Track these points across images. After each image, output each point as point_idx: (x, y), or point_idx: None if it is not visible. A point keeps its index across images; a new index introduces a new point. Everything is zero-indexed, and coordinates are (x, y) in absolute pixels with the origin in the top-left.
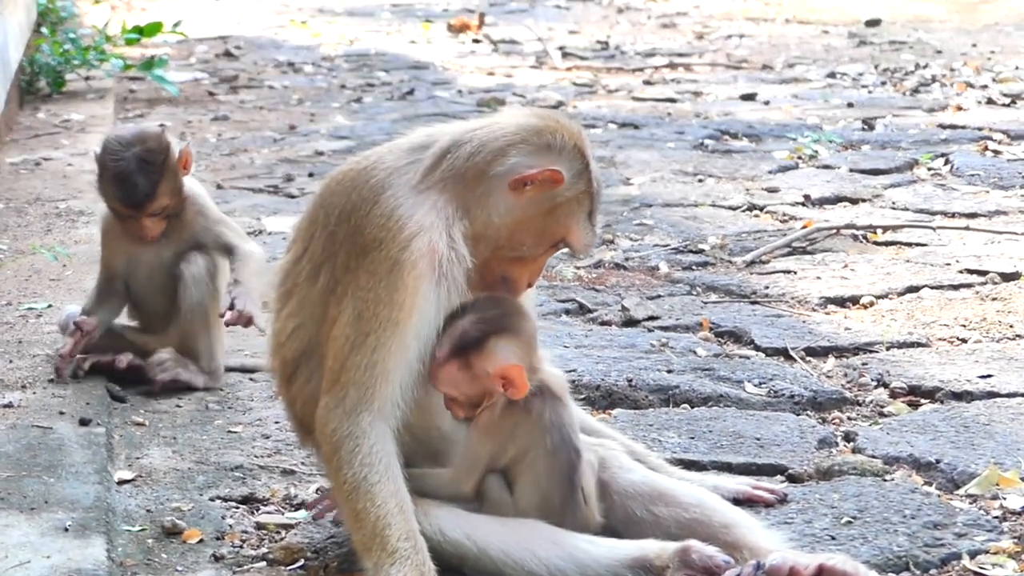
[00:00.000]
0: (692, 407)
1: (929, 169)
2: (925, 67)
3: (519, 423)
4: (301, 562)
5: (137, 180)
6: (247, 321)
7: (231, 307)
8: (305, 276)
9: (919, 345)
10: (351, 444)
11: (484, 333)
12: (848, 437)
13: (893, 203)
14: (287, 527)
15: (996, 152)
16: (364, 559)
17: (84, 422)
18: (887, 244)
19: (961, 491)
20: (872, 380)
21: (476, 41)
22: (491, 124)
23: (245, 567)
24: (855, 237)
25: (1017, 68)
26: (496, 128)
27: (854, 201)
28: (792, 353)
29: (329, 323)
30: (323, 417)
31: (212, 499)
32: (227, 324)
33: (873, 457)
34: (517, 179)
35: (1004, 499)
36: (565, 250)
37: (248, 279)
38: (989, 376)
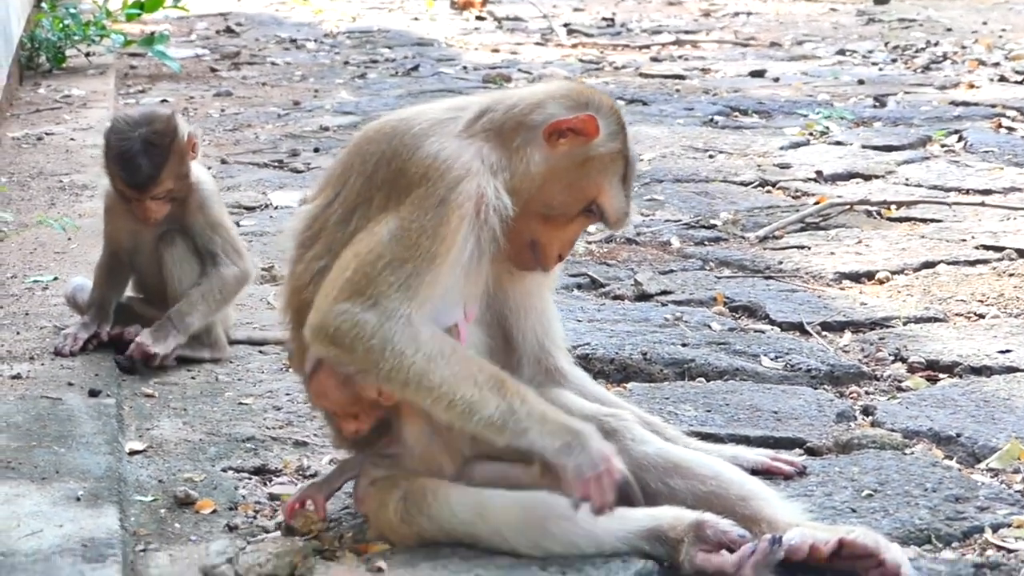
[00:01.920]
0: (708, 380)
1: (942, 146)
2: (936, 45)
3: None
4: (315, 533)
5: (141, 162)
6: (143, 355)
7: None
8: (336, 220)
9: (936, 320)
10: (410, 331)
11: None
12: (867, 411)
13: (907, 179)
14: None
15: (1010, 129)
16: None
17: (93, 393)
18: (901, 220)
19: (982, 465)
20: (889, 355)
21: (480, 18)
22: (530, 86)
23: (259, 537)
24: (869, 213)
25: None
26: (536, 88)
27: (867, 177)
28: (808, 327)
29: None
30: (350, 318)
31: (224, 470)
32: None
33: (892, 431)
34: (553, 125)
35: None
36: (596, 236)
37: (192, 308)
38: (1008, 351)
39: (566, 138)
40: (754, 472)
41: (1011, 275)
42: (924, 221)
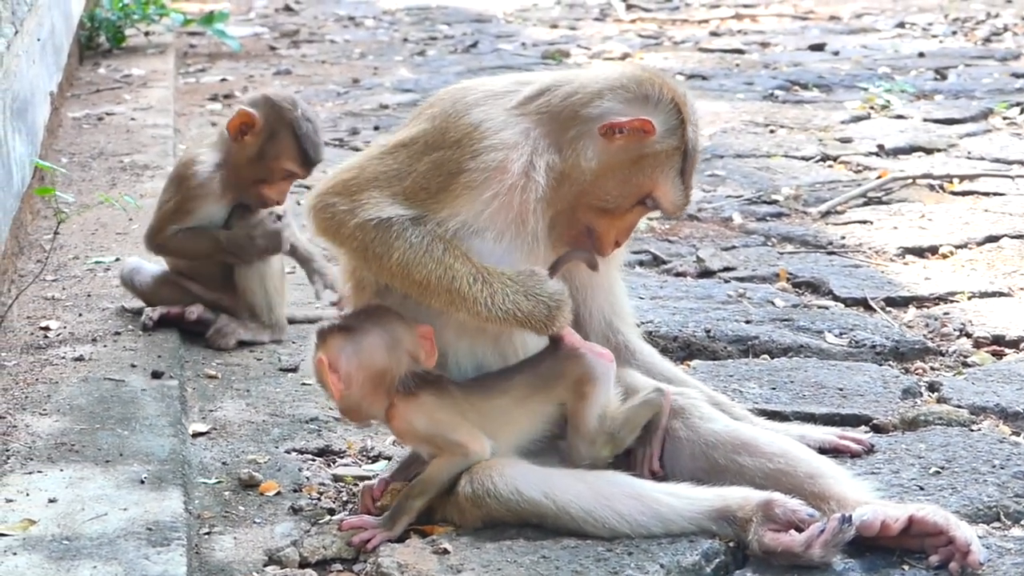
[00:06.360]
0: (772, 357)
1: (1004, 118)
2: (996, 16)
3: (423, 408)
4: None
5: (319, 140)
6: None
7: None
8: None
9: (1001, 295)
10: (381, 234)
11: (333, 327)
12: (932, 387)
13: (969, 153)
14: (364, 479)
15: None
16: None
17: (156, 375)
18: (964, 194)
19: None
20: (954, 330)
21: None
22: (593, 70)
23: (324, 519)
24: (931, 187)
25: None
26: (598, 73)
27: (929, 151)
28: (872, 303)
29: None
30: (332, 213)
31: (288, 452)
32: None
33: (959, 407)
34: (607, 125)
35: None
36: (657, 213)
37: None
38: None
39: (622, 134)
40: (822, 450)
41: None
42: (987, 195)
